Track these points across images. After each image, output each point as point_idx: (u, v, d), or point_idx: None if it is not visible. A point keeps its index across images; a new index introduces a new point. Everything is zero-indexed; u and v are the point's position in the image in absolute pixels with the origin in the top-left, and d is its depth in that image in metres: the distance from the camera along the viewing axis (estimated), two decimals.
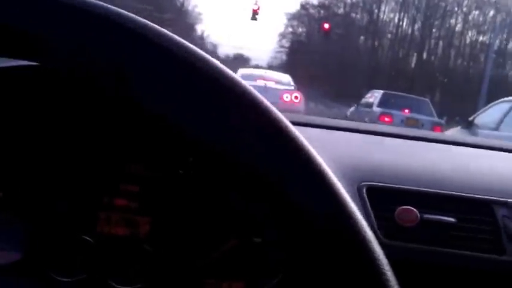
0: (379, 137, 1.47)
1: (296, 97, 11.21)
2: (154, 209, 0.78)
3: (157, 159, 0.77)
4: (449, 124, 12.72)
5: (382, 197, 0.96)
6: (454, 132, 8.62)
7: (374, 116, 12.48)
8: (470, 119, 8.44)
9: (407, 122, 12.31)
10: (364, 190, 0.97)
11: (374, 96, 13.74)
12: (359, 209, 0.82)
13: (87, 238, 0.76)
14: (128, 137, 0.76)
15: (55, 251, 0.75)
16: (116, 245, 0.76)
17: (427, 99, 14.95)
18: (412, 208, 0.95)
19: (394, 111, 12.55)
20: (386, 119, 12.27)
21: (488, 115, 8.14)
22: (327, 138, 1.37)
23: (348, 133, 1.47)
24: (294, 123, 1.50)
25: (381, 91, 14.12)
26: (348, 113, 14.85)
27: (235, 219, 0.81)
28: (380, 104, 13.01)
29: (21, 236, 0.77)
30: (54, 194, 0.77)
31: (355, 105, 14.67)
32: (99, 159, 0.77)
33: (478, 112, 8.50)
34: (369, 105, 13.41)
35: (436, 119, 13.16)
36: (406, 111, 12.79)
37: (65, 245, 0.75)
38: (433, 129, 12.10)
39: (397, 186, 0.99)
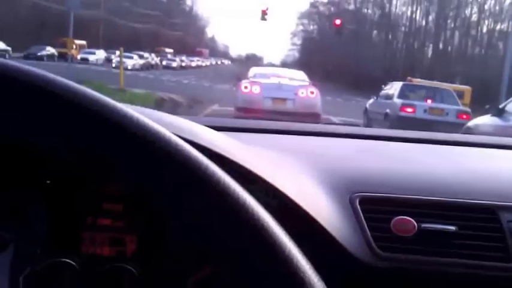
0: (372, 141, 1.40)
1: (312, 92, 10.84)
2: (140, 226, 0.76)
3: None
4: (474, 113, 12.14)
5: (377, 208, 0.92)
6: (484, 120, 8.01)
7: (395, 107, 11.95)
8: (501, 106, 7.82)
9: (431, 112, 11.76)
10: (357, 201, 0.93)
11: (394, 88, 13.18)
12: (352, 221, 0.90)
13: (70, 261, 0.74)
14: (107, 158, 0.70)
15: (37, 276, 0.73)
16: (100, 266, 0.74)
17: (449, 89, 14.45)
18: (409, 218, 0.91)
19: (416, 102, 12.00)
20: (409, 110, 11.74)
21: None
22: (317, 146, 1.30)
23: (338, 139, 1.41)
24: (284, 132, 1.43)
25: (400, 82, 13.56)
26: (368, 105, 14.31)
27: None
28: (400, 95, 12.44)
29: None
30: (34, 215, 0.76)
31: (375, 97, 14.10)
32: (80, 180, 0.75)
33: (510, 99, 7.85)
34: (389, 97, 12.85)
35: (461, 107, 12.59)
36: (429, 101, 12.23)
37: (47, 270, 0.73)
38: (458, 117, 11.59)
39: (392, 195, 0.95)
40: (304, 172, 1.01)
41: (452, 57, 42.28)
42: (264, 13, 28.13)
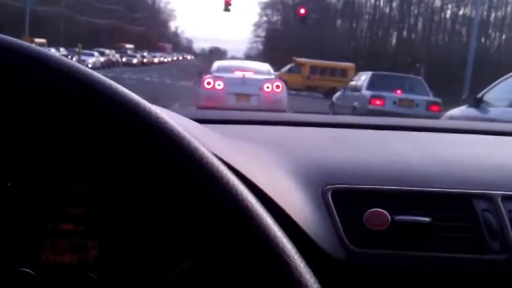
0: (344, 129, 1.38)
1: (277, 86, 10.40)
2: (102, 231, 0.73)
3: (103, 178, 0.71)
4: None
5: (349, 200, 0.91)
6: (460, 111, 7.60)
7: (364, 99, 11.56)
8: (479, 95, 7.40)
9: (401, 103, 11.40)
10: (329, 194, 0.91)
11: (361, 79, 12.75)
12: (324, 215, 0.89)
13: (29, 271, 0.70)
14: (71, 157, 0.69)
15: None
16: (60, 276, 0.71)
17: (420, 78, 14.13)
18: (382, 210, 0.89)
19: (385, 93, 11.60)
20: (378, 102, 11.35)
21: (501, 90, 7.11)
22: (287, 136, 1.28)
23: (309, 128, 1.38)
24: (253, 122, 1.37)
25: (369, 72, 13.09)
26: (334, 99, 13.90)
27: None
28: (369, 87, 12.01)
29: None
30: None
31: (342, 89, 13.68)
32: (42, 181, 0.72)
33: (487, 88, 7.45)
34: (357, 88, 12.45)
35: (431, 97, 12.24)
36: (399, 92, 11.83)
37: (2, 281, 0.69)
38: (429, 108, 11.25)
39: (364, 186, 0.93)
40: (276, 164, 0.98)
41: (416, 44, 42.28)
42: (227, 3, 27.58)
